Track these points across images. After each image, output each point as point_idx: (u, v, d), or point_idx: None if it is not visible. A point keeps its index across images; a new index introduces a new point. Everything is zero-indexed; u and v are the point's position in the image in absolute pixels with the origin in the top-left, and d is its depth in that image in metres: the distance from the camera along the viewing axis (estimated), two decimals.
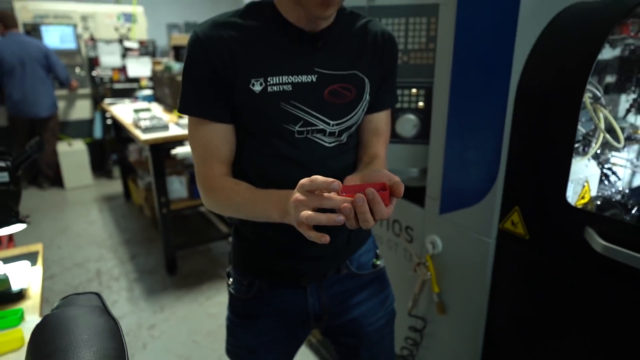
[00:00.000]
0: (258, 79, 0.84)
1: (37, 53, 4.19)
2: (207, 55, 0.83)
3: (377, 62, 0.93)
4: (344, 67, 0.89)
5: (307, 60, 0.86)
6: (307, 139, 0.88)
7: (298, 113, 0.86)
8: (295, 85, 0.85)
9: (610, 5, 1.01)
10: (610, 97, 1.35)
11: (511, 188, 1.09)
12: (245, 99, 0.85)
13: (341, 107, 0.89)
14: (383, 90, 0.97)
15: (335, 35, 0.88)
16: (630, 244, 0.86)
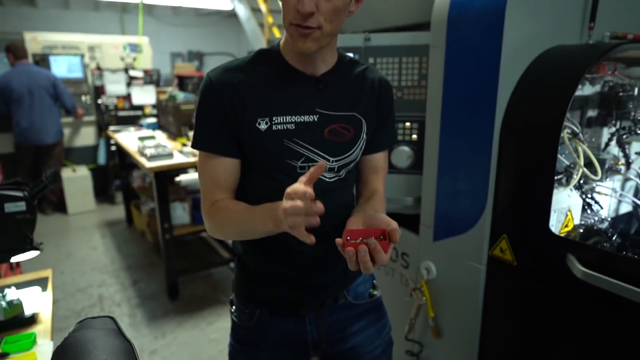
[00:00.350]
0: (264, 118, 0.92)
1: (45, 82, 4.32)
2: (219, 98, 0.91)
3: (374, 106, 1.01)
4: (343, 109, 0.97)
5: (309, 101, 0.95)
6: None
7: (300, 150, 0.94)
8: (298, 124, 0.93)
9: (585, 49, 1.11)
10: (594, 130, 1.44)
11: (499, 217, 1.16)
12: (251, 136, 0.93)
13: (340, 145, 0.97)
14: (381, 132, 1.05)
15: (335, 79, 0.97)
16: (609, 271, 0.92)
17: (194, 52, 8.51)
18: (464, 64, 1.18)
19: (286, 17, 0.86)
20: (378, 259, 0.75)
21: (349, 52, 1.45)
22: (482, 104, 1.14)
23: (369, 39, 1.43)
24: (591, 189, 1.39)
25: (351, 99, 0.98)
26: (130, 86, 5.18)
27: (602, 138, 1.43)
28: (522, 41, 1.10)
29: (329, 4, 0.83)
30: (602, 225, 1.26)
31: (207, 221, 1.00)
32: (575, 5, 1.18)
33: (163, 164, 2.74)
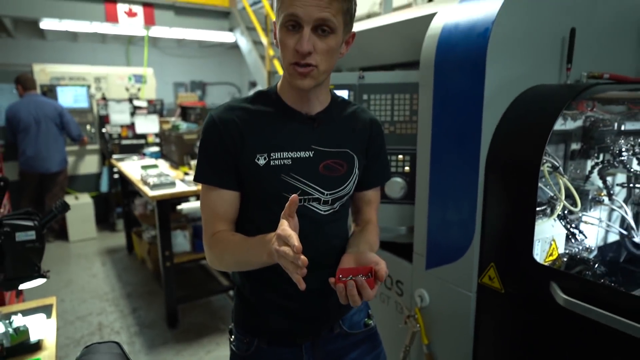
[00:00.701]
0: (262, 154, 0.99)
1: (52, 112, 4.44)
2: (221, 135, 0.99)
3: (365, 144, 1.09)
4: (336, 145, 1.04)
5: (305, 138, 1.02)
6: (305, 206, 1.01)
7: (296, 184, 1.00)
8: (295, 160, 1.00)
9: (562, 89, 1.20)
10: (578, 162, 1.51)
11: (487, 246, 1.21)
12: (250, 171, 0.99)
13: (334, 180, 1.03)
14: (374, 169, 1.12)
15: (328, 118, 1.05)
16: (589, 298, 0.98)
17: (196, 82, 8.73)
18: (450, 102, 1.26)
19: (286, 58, 0.94)
20: (364, 295, 0.83)
21: (345, 89, 1.55)
22: (468, 139, 1.22)
23: (363, 77, 1.53)
24: (578, 219, 1.45)
25: (344, 137, 1.05)
26: (134, 115, 5.31)
27: (586, 170, 1.50)
28: (503, 82, 1.18)
29: (324, 45, 0.91)
30: (586, 254, 1.32)
31: (207, 252, 1.05)
32: (553, 48, 1.27)
33: (165, 192, 2.81)
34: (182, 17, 5.79)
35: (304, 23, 0.89)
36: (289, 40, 0.91)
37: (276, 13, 0.96)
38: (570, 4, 1.28)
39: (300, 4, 0.87)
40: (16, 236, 1.34)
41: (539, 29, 1.23)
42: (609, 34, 1.42)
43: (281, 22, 0.91)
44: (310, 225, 1.02)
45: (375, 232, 1.13)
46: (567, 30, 1.26)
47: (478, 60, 1.15)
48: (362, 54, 1.93)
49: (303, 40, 0.89)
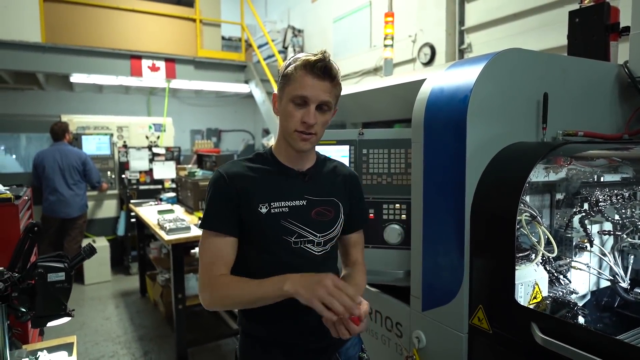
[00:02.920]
0: (264, 203, 1.19)
1: (76, 160, 4.71)
2: (228, 187, 1.18)
3: (347, 193, 1.32)
4: (324, 195, 1.26)
5: (298, 190, 1.24)
6: (301, 248, 1.21)
7: (293, 228, 1.20)
8: (291, 208, 1.21)
9: (536, 146, 1.34)
10: (563, 211, 1.62)
11: (475, 289, 1.32)
12: (254, 218, 1.18)
13: (324, 223, 1.24)
14: (356, 214, 1.33)
15: (316, 172, 1.28)
16: (566, 338, 1.07)
17: (212, 129, 9.10)
18: (438, 158, 1.41)
19: (291, 126, 1.16)
20: (350, 330, 1.00)
21: (346, 144, 1.72)
22: (454, 191, 1.35)
23: (362, 134, 1.70)
24: (566, 264, 1.55)
25: (330, 187, 1.28)
26: (153, 162, 5.57)
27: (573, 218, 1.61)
28: (483, 140, 1.33)
29: (323, 119, 1.17)
30: (571, 298, 1.40)
31: (207, 292, 1.16)
32: (529, 110, 1.43)
33: (180, 236, 2.96)
34: (201, 71, 6.19)
35: (311, 102, 1.13)
36: (296, 112, 1.14)
37: (281, 88, 1.19)
38: (543, 73, 1.45)
39: (310, 89, 1.12)
40: (48, 277, 1.48)
41: (514, 93, 1.39)
42: (583, 95, 1.57)
43: (290, 98, 1.14)
44: (308, 264, 1.20)
45: (362, 271, 1.33)
46: (541, 94, 1.41)
47: (459, 123, 1.31)
48: (364, 111, 2.12)
49: (310, 115, 1.13)
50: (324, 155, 1.37)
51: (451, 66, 1.49)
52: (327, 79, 1.14)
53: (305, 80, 1.13)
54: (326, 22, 6.15)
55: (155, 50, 5.81)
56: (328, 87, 1.15)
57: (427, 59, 4.18)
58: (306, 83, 1.12)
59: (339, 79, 1.19)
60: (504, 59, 1.36)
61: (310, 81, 1.12)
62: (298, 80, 1.13)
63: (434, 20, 4.10)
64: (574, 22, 1.88)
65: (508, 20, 3.59)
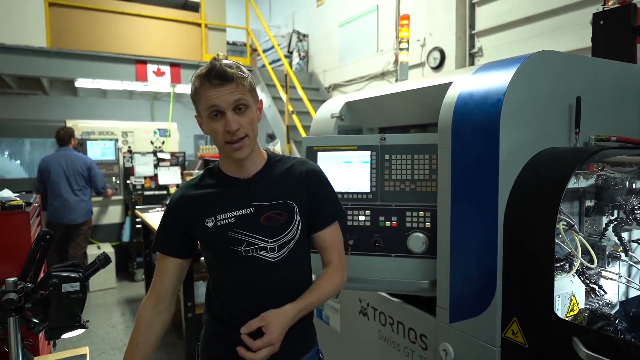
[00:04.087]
0: (210, 217, 1.22)
1: (81, 166, 4.67)
2: (174, 210, 1.27)
3: (304, 191, 1.29)
4: (275, 198, 1.25)
5: (245, 198, 1.24)
6: (253, 256, 1.21)
7: (241, 237, 1.21)
8: (238, 217, 1.22)
9: (571, 152, 1.29)
10: (593, 219, 1.57)
11: (509, 301, 1.26)
12: (202, 233, 1.23)
13: (276, 228, 1.23)
14: (319, 212, 1.31)
15: (264, 176, 1.27)
16: (612, 354, 1.01)
17: None
18: (468, 163, 1.36)
19: (219, 141, 1.18)
20: None
21: (367, 150, 1.67)
22: (486, 197, 1.30)
23: (384, 139, 1.65)
24: (597, 274, 1.50)
25: (281, 189, 1.27)
26: (158, 167, 5.53)
27: (601, 226, 1.56)
28: (516, 145, 1.29)
29: (246, 118, 1.17)
30: (607, 310, 1.35)
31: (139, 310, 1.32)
32: (561, 114, 1.38)
33: None
34: None
35: (225, 109, 1.14)
36: (217, 126, 1.16)
37: (196, 109, 1.23)
38: (575, 75, 1.40)
39: (216, 96, 1.13)
40: (62, 287, 1.43)
41: (546, 97, 1.35)
42: (613, 98, 1.53)
43: (206, 115, 1.16)
44: (258, 272, 1.22)
45: (329, 274, 1.31)
46: (573, 98, 1.37)
47: (492, 127, 1.26)
48: (381, 116, 2.07)
49: (229, 122, 1.14)
50: (279, 156, 1.37)
51: (478, 70, 1.45)
52: (228, 83, 1.14)
53: (209, 92, 1.14)
54: (332, 26, 6.13)
55: (161, 55, 5.79)
56: (233, 88, 1.14)
57: (437, 63, 4.15)
58: (210, 95, 1.13)
59: (240, 74, 1.17)
60: (536, 62, 1.31)
61: (214, 91, 1.13)
62: (203, 95, 1.15)
63: (444, 24, 4.07)
64: (598, 24, 1.84)
65: (519, 24, 3.56)
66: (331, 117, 2.04)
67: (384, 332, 1.78)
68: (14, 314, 1.37)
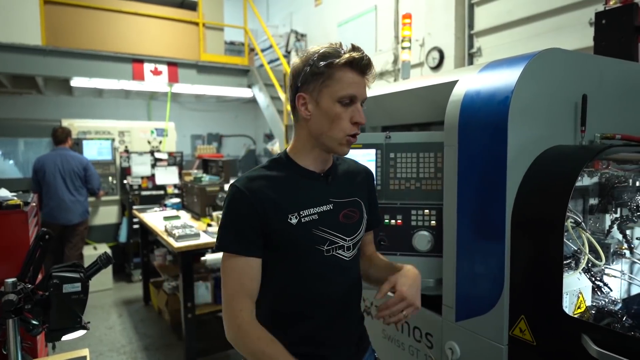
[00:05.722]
0: (293, 213, 1.10)
1: (78, 166, 4.62)
2: (250, 203, 1.07)
3: (367, 191, 1.27)
4: (348, 196, 1.20)
5: (323, 194, 1.16)
6: (333, 255, 1.14)
7: (325, 235, 1.12)
8: (320, 214, 1.13)
9: (578, 150, 1.29)
10: (597, 217, 1.57)
11: (516, 299, 1.26)
12: (284, 231, 1.09)
13: (352, 226, 1.18)
14: (373, 213, 1.30)
15: (335, 173, 1.21)
16: (621, 351, 1.01)
17: (213, 134, 9.03)
18: (475, 161, 1.36)
19: (342, 132, 1.08)
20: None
21: (372, 148, 1.66)
22: (494, 195, 1.30)
23: (389, 137, 1.64)
24: (601, 272, 1.50)
25: (351, 187, 1.22)
26: (155, 167, 5.50)
27: (605, 223, 1.56)
28: (524, 143, 1.28)
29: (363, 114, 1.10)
30: (613, 307, 1.35)
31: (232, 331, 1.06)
32: (567, 112, 1.38)
33: (190, 243, 2.89)
34: (204, 75, 6.13)
35: (358, 100, 1.08)
36: (344, 113, 1.07)
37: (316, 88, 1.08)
38: (581, 73, 1.40)
39: (355, 87, 1.07)
40: (63, 288, 1.41)
41: (553, 94, 1.34)
42: (618, 96, 1.53)
43: (335, 97, 1.06)
44: (338, 271, 1.15)
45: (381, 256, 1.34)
46: (579, 96, 1.37)
47: (500, 125, 1.26)
48: (385, 114, 2.06)
49: (362, 114, 1.08)
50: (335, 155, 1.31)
51: (484, 68, 1.44)
52: (369, 76, 1.10)
53: (351, 77, 1.06)
54: (330, 26, 6.12)
55: (158, 54, 5.75)
56: (366, 83, 1.11)
57: (436, 63, 4.15)
58: (354, 80, 1.07)
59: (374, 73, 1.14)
60: (544, 59, 1.31)
61: (356, 78, 1.07)
62: (343, 76, 1.06)
63: (443, 24, 4.07)
64: (600, 24, 1.85)
65: (519, 24, 3.56)
66: None
67: (388, 331, 1.78)
68: (13, 315, 1.34)
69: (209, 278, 3.36)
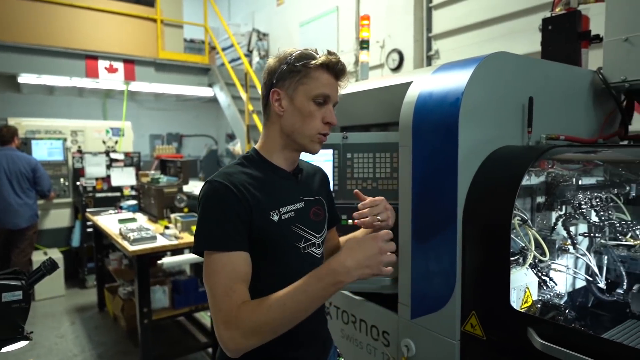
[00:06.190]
0: (274, 210, 1.09)
1: (26, 167, 4.38)
2: (236, 197, 1.02)
3: (324, 189, 1.31)
4: (313, 194, 1.24)
5: (295, 192, 1.18)
6: (308, 253, 1.16)
7: (301, 232, 1.14)
8: (296, 212, 1.15)
9: (525, 150, 1.34)
10: (544, 214, 1.64)
11: (467, 295, 1.29)
12: (266, 227, 1.06)
13: (320, 223, 1.22)
14: (329, 213, 1.33)
15: (301, 172, 1.24)
16: (564, 343, 1.06)
17: (173, 134, 8.81)
18: (428, 161, 1.38)
19: (314, 129, 1.11)
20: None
21: (330, 149, 1.66)
22: (446, 194, 1.33)
23: (346, 138, 1.65)
24: (547, 267, 1.56)
25: (314, 186, 1.26)
26: (111, 168, 5.29)
27: (551, 221, 1.63)
28: (474, 143, 1.32)
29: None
30: (558, 300, 1.41)
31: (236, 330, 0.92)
32: (515, 114, 1.43)
33: (146, 247, 2.79)
34: (163, 73, 5.96)
35: (331, 101, 1.12)
36: (317, 112, 1.10)
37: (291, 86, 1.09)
38: (527, 76, 1.46)
39: (330, 88, 1.11)
40: (2, 297, 1.33)
41: (501, 97, 1.39)
42: (562, 99, 1.60)
43: (309, 96, 1.09)
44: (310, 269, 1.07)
45: None
46: (526, 98, 1.42)
47: (451, 126, 1.29)
48: (344, 114, 2.06)
49: (333, 114, 1.12)
50: None
51: (437, 70, 1.47)
52: (342, 80, 1.15)
53: (329, 79, 1.11)
54: (292, 26, 6.11)
55: (113, 51, 5.54)
56: (340, 86, 1.16)
57: (396, 64, 4.22)
58: (330, 82, 1.11)
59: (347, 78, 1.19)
60: (491, 63, 1.35)
61: (331, 80, 1.12)
62: (320, 78, 1.10)
63: (402, 26, 4.15)
64: (547, 29, 1.93)
65: (475, 28, 3.69)
66: None
67: (347, 330, 1.78)
68: None
69: (167, 282, 3.26)
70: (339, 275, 0.90)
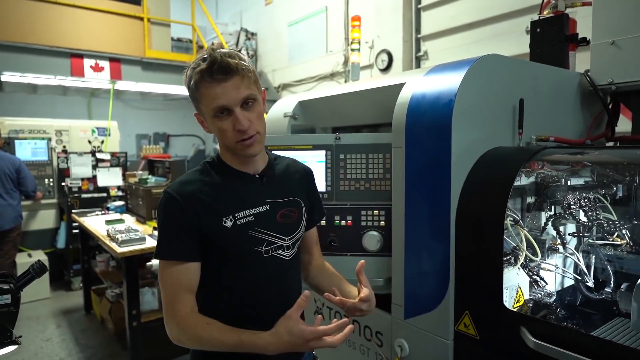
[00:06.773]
0: (228, 216, 1.10)
1: (9, 168, 4.28)
2: (182, 209, 1.07)
3: (305, 189, 1.29)
4: (285, 195, 1.22)
5: (259, 195, 1.17)
6: (273, 256, 1.16)
7: (262, 236, 1.14)
8: (256, 215, 1.14)
9: (516, 151, 1.36)
10: (534, 214, 1.66)
11: (461, 295, 1.30)
12: (219, 234, 1.09)
13: (291, 225, 1.20)
14: (314, 210, 1.33)
15: (272, 172, 1.22)
16: (556, 341, 1.07)
17: (160, 133, 8.70)
18: (421, 162, 1.39)
19: (229, 140, 1.08)
20: None
21: (322, 149, 1.66)
22: (439, 195, 1.34)
23: (339, 139, 1.65)
24: (537, 266, 1.59)
25: (289, 186, 1.24)
26: (97, 168, 5.21)
27: (541, 221, 1.66)
28: (467, 144, 1.33)
29: (254, 113, 1.08)
30: (548, 299, 1.44)
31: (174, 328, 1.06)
32: (506, 115, 1.45)
33: (135, 248, 2.76)
34: (149, 72, 5.90)
35: (233, 107, 1.04)
36: (225, 125, 1.06)
37: (197, 107, 1.10)
38: (518, 78, 1.48)
39: (222, 95, 1.02)
40: None
41: (493, 98, 1.41)
42: (551, 101, 1.63)
43: (210, 114, 1.06)
44: (276, 272, 1.16)
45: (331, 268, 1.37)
46: (516, 100, 1.44)
47: (444, 127, 1.30)
48: (334, 115, 2.07)
49: (240, 120, 1.04)
50: (274, 154, 1.31)
51: (430, 71, 1.48)
52: (232, 76, 1.03)
53: (212, 89, 1.02)
54: (281, 25, 6.09)
55: (99, 49, 5.46)
56: (238, 82, 1.03)
57: (385, 65, 4.24)
58: (215, 92, 1.02)
59: (244, 65, 1.06)
60: (484, 64, 1.37)
61: (218, 88, 1.02)
62: (206, 93, 1.04)
63: (391, 27, 4.17)
64: (535, 32, 1.96)
65: (463, 30, 3.72)
66: (284, 116, 2.02)
67: None
68: None
69: (156, 284, 3.23)
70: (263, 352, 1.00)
